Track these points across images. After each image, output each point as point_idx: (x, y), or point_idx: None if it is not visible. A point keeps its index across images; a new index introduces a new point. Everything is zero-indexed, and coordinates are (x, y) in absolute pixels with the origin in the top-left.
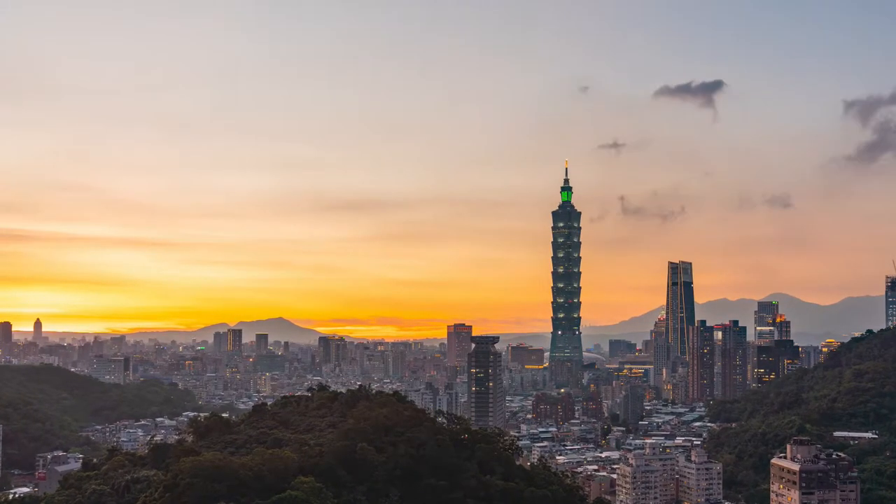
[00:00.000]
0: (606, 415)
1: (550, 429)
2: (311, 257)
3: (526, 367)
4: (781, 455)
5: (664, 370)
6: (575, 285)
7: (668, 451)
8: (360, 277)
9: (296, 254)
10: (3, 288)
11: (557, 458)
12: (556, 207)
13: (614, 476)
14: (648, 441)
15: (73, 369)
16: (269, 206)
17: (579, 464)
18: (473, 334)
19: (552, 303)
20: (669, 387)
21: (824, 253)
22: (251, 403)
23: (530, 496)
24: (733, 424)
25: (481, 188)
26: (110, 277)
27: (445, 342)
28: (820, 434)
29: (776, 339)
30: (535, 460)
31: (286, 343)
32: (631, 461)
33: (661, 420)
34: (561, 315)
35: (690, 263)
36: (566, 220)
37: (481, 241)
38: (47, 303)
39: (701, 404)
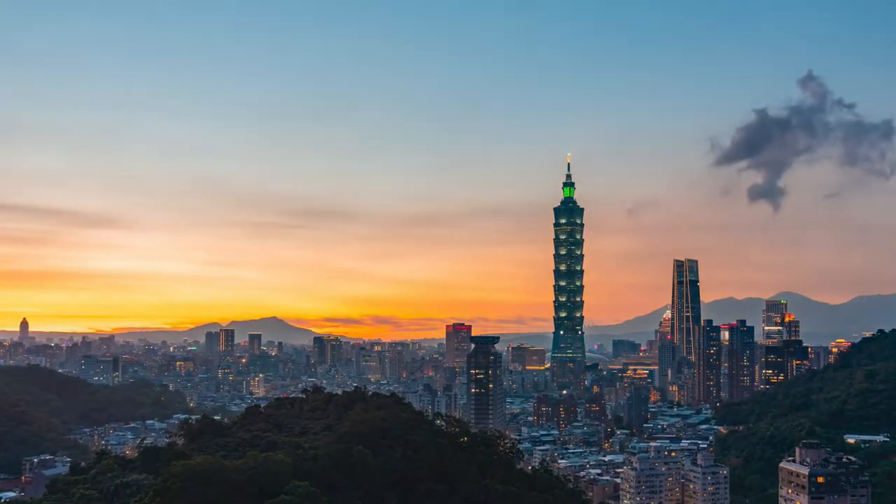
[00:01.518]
0: (610, 417)
1: (552, 431)
2: (306, 255)
3: (527, 367)
4: (790, 459)
5: (669, 371)
6: (577, 284)
7: (673, 454)
8: (356, 276)
9: (291, 252)
10: None
11: (559, 461)
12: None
13: (618, 480)
14: (653, 444)
15: (60, 370)
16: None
17: (582, 467)
18: (473, 334)
19: (554, 302)
20: (675, 388)
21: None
22: (244, 405)
23: (531, 501)
24: (740, 427)
25: (480, 185)
26: (99, 276)
27: (444, 342)
28: (830, 437)
29: (785, 339)
30: (537, 464)
31: (280, 343)
32: (635, 465)
33: (665, 422)
34: (563, 314)
35: (696, 261)
36: (568, 216)
37: (481, 239)
38: (34, 302)
39: (707, 406)
